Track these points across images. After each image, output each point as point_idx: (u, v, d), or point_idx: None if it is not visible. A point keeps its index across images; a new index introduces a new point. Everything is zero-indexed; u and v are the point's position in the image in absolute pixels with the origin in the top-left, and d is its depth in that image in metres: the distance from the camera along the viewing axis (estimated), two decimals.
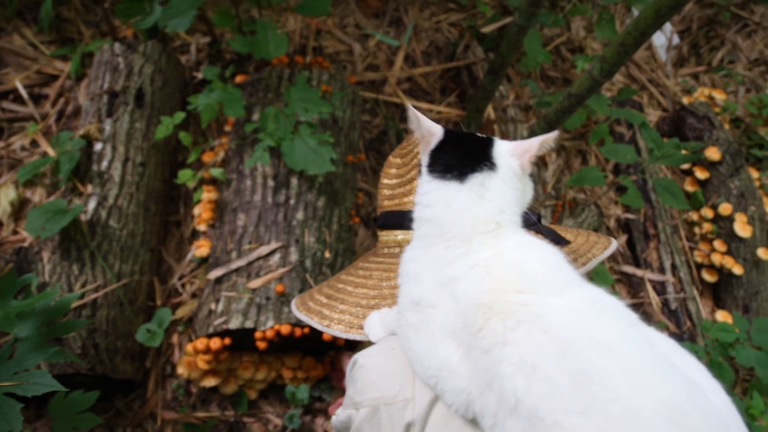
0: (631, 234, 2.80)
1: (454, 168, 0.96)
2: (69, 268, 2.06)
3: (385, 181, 1.32)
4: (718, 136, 2.95)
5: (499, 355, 0.82)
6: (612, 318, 0.85)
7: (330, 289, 1.33)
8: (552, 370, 0.78)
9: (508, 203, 0.96)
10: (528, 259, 0.91)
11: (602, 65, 1.69)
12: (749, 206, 2.78)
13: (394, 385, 0.97)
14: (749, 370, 2.49)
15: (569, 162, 2.89)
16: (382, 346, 1.06)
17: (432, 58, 3.10)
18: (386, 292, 1.20)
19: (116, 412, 2.15)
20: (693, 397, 0.78)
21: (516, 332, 0.82)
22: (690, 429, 0.74)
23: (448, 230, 0.94)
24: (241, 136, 2.34)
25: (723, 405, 0.84)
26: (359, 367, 1.03)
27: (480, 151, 0.98)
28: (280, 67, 2.47)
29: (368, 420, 0.98)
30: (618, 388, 0.75)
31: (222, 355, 2.06)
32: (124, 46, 2.44)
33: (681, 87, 3.36)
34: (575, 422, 0.75)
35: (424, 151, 1.02)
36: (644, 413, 0.74)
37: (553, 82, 3.14)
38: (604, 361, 0.77)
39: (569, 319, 0.82)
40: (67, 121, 2.59)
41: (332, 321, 1.22)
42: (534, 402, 0.77)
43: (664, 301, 2.62)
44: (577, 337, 0.80)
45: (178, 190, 2.55)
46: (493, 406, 0.83)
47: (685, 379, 0.80)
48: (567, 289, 0.87)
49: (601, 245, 1.21)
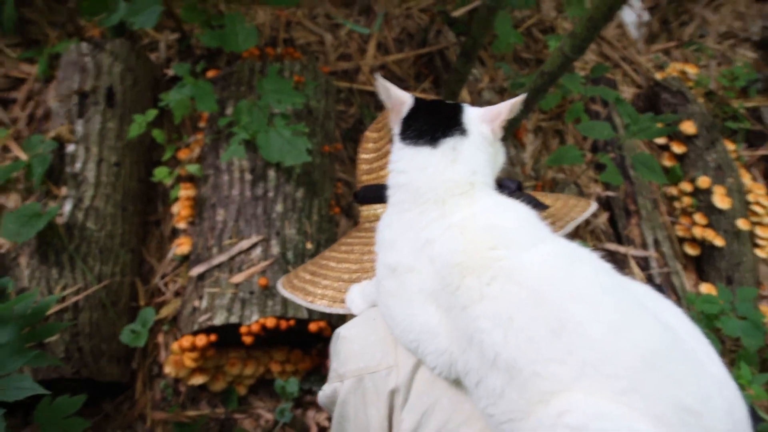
0: (612, 211, 2.81)
1: (426, 133, 0.97)
2: (48, 272, 2.03)
3: (363, 156, 1.32)
4: (692, 110, 2.97)
5: (477, 311, 0.83)
6: (585, 267, 0.86)
7: (314, 266, 1.34)
8: (527, 320, 0.79)
9: (481, 166, 0.98)
10: (500, 217, 0.93)
11: (573, 41, 1.69)
12: (727, 178, 2.80)
13: (377, 354, 0.98)
14: (735, 341, 2.52)
15: (547, 143, 2.90)
16: (363, 317, 1.07)
17: (404, 45, 3.09)
18: (368, 265, 1.20)
19: (105, 415, 2.13)
20: (670, 340, 0.79)
21: (491, 287, 0.83)
22: (668, 371, 0.75)
23: (423, 194, 0.94)
24: (215, 131, 2.32)
25: (701, 347, 0.85)
26: (341, 339, 1.04)
27: (451, 117, 0.99)
28: (251, 60, 2.45)
29: (353, 391, 0.99)
30: (594, 334, 0.76)
31: (208, 352, 2.04)
32: (92, 46, 2.40)
33: (653, 63, 3.38)
34: (553, 370, 0.76)
35: (395, 121, 1.03)
36: (621, 357, 0.75)
37: (526, 64, 3.14)
38: (579, 308, 0.79)
39: (542, 270, 0.84)
40: (38, 124, 2.55)
41: (316, 297, 1.23)
42: (512, 354, 0.79)
43: (648, 277, 2.64)
44: (551, 286, 0.81)
45: (155, 189, 2.52)
46: (474, 363, 0.84)
47: (662, 323, 0.81)
48: (539, 243, 0.88)
49: (579, 208, 1.22)
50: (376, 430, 0.96)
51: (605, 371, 0.74)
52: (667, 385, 0.74)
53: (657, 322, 0.80)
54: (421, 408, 0.93)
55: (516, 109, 1.01)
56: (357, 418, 0.99)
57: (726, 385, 0.82)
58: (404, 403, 0.94)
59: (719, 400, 0.77)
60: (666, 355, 0.76)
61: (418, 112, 1.01)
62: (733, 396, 0.81)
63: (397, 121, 1.02)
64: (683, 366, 0.76)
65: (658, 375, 0.74)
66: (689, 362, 0.78)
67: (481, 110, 1.02)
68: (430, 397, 0.93)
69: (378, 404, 0.96)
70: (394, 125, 1.04)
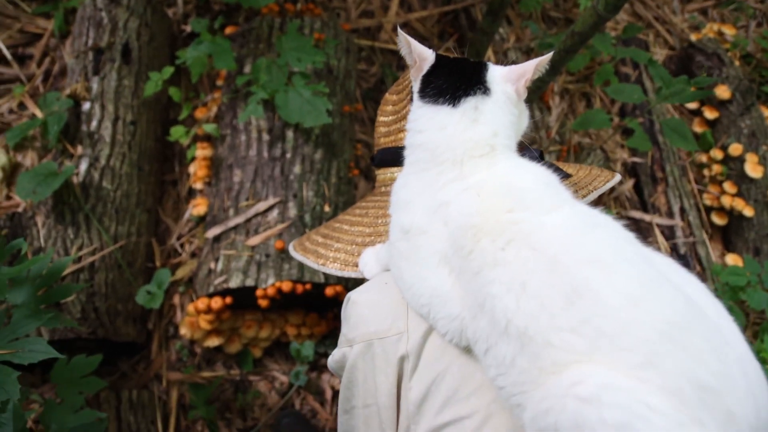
0: (639, 178, 2.73)
1: (447, 92, 0.93)
2: (64, 231, 2.01)
3: (382, 119, 1.28)
4: (728, 73, 2.85)
5: (490, 276, 0.80)
6: (604, 233, 0.82)
7: (327, 229, 1.31)
8: (541, 286, 0.76)
9: (503, 127, 0.93)
10: (519, 178, 0.89)
11: (607, 0, 1.60)
12: (761, 146, 2.70)
13: (387, 319, 0.96)
14: (760, 314, 2.46)
15: (573, 106, 2.81)
16: (375, 282, 1.04)
17: (428, 2, 2.99)
18: (382, 228, 1.17)
19: (121, 374, 2.14)
20: (691, 312, 0.75)
21: (506, 252, 0.80)
22: (688, 345, 0.71)
23: (440, 154, 0.91)
24: (233, 89, 2.27)
25: (724, 323, 0.81)
26: (352, 304, 1.01)
27: (473, 75, 0.94)
28: (270, 16, 2.37)
29: (362, 356, 0.97)
30: (610, 302, 0.72)
31: (224, 314, 2.03)
32: (107, 0, 2.34)
33: (688, 23, 3.24)
34: (567, 340, 0.73)
35: (415, 78, 0.99)
36: (638, 329, 0.71)
37: (555, 23, 3.03)
38: (595, 275, 0.75)
39: (559, 235, 0.80)
40: (54, 81, 2.51)
41: (327, 260, 1.20)
42: (524, 321, 0.76)
43: (673, 246, 2.58)
44: (567, 252, 0.77)
45: (172, 149, 2.48)
46: (485, 330, 0.81)
47: (683, 295, 0.76)
48: (558, 207, 0.84)
49: (603, 178, 1.17)
50: (384, 396, 0.94)
51: (621, 344, 0.70)
52: (685, 361, 0.70)
53: (677, 294, 0.76)
54: (430, 376, 0.90)
55: (542, 68, 0.97)
56: (366, 383, 0.97)
57: (748, 362, 0.78)
58: (413, 371, 0.92)
59: (741, 379, 0.72)
60: (685, 328, 0.72)
61: (439, 69, 0.96)
62: (756, 375, 0.77)
63: (418, 79, 0.98)
64: (703, 341, 0.72)
65: (676, 349, 0.70)
66: (710, 338, 0.73)
67: (506, 69, 0.97)
68: (440, 364, 0.90)
69: (387, 370, 0.94)
70: (414, 82, 0.99)
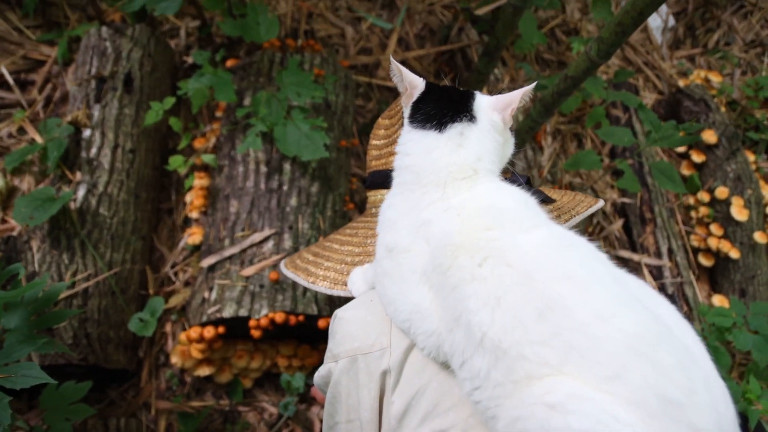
0: (628, 218, 2.78)
1: (434, 118, 0.98)
2: (59, 257, 2.02)
3: (374, 142, 1.32)
4: (714, 118, 2.93)
5: (467, 291, 0.83)
6: (578, 252, 0.86)
7: (318, 247, 1.35)
8: (515, 301, 0.79)
9: (487, 152, 0.98)
10: (497, 199, 0.93)
11: (599, 46, 1.66)
12: (746, 189, 2.76)
13: (371, 335, 0.99)
14: (746, 355, 2.49)
15: (565, 146, 2.87)
16: (361, 299, 1.08)
17: (426, 41, 3.06)
18: (371, 248, 1.20)
19: (110, 402, 2.13)
20: (658, 330, 0.78)
21: (482, 268, 0.83)
22: (655, 360, 0.74)
23: (426, 176, 0.95)
24: (232, 121, 2.30)
25: (691, 343, 0.84)
26: (338, 320, 1.04)
27: (461, 103, 1.00)
28: (271, 51, 2.42)
29: (346, 371, 0.99)
30: (581, 317, 0.76)
31: (216, 343, 2.03)
32: (112, 30, 2.39)
33: (677, 69, 3.34)
34: (538, 353, 0.76)
35: (406, 104, 1.04)
36: (607, 343, 0.74)
37: (548, 65, 3.10)
38: (567, 291, 0.78)
39: (534, 252, 0.83)
40: (54, 107, 2.54)
41: (317, 278, 1.24)
42: (498, 334, 0.79)
43: (660, 286, 2.61)
44: (541, 268, 0.81)
45: (169, 177, 2.51)
46: (461, 343, 0.84)
47: (651, 313, 0.79)
48: (535, 227, 0.89)
49: (586, 203, 1.22)
50: (367, 411, 0.97)
51: (590, 357, 0.73)
52: (652, 375, 0.73)
53: (646, 312, 0.79)
54: (411, 391, 0.93)
55: (527, 97, 1.03)
56: (349, 398, 0.99)
57: (714, 381, 0.81)
58: (395, 385, 0.94)
59: (705, 394, 0.75)
60: (653, 344, 0.75)
61: (428, 96, 1.01)
62: (721, 393, 0.80)
63: (408, 105, 1.03)
64: (670, 357, 0.75)
65: (642, 363, 0.73)
66: (676, 354, 0.76)
67: (493, 98, 1.02)
68: (421, 379, 0.93)
69: (370, 385, 0.97)
70: (405, 109, 1.04)
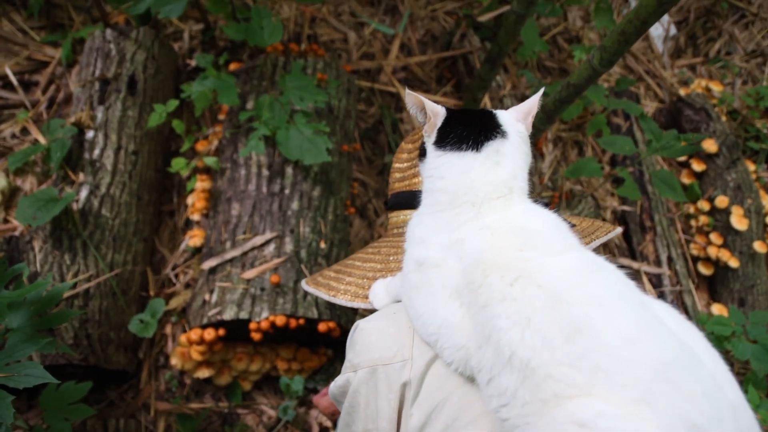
0: (628, 226, 2.78)
1: (468, 138, 0.98)
2: (61, 257, 2.03)
3: (397, 165, 1.35)
4: (714, 128, 2.94)
5: (497, 310, 0.84)
6: (606, 277, 0.87)
7: (340, 265, 1.37)
8: (545, 322, 0.80)
9: (520, 169, 1.00)
10: (531, 221, 0.94)
11: (602, 54, 1.67)
12: (746, 199, 2.77)
13: (393, 347, 0.99)
14: (744, 364, 2.49)
15: (566, 153, 2.88)
16: (384, 311, 1.08)
17: (428, 47, 3.07)
18: (393, 265, 1.22)
19: (109, 402, 2.13)
20: (686, 356, 0.78)
21: (513, 288, 0.84)
22: (681, 386, 0.74)
23: (461, 196, 0.96)
24: (235, 124, 2.31)
25: (719, 370, 0.84)
26: (360, 331, 1.05)
27: (488, 121, 1.01)
28: (274, 55, 2.44)
29: (366, 381, 1.00)
30: (609, 340, 0.76)
31: (216, 346, 2.04)
32: (116, 33, 2.40)
33: (678, 78, 3.35)
34: (566, 374, 0.76)
35: (430, 133, 1.04)
36: (635, 367, 0.74)
37: (549, 73, 3.12)
38: (596, 314, 0.79)
39: (564, 275, 0.84)
40: (58, 108, 2.55)
41: (338, 291, 1.25)
42: (527, 354, 0.79)
43: (660, 294, 2.62)
44: (571, 291, 0.82)
45: (171, 179, 2.51)
46: (489, 360, 0.85)
47: (679, 340, 0.80)
48: (566, 250, 0.90)
49: (605, 229, 1.24)
50: (385, 422, 0.97)
51: (618, 380, 0.74)
52: (678, 400, 0.73)
53: (673, 338, 0.79)
54: (431, 404, 0.93)
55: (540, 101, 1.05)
56: (367, 408, 1.00)
57: (742, 410, 0.81)
58: (415, 398, 0.95)
59: (732, 423, 0.75)
60: (680, 370, 0.75)
61: (454, 120, 1.02)
62: (748, 422, 0.80)
63: (433, 132, 1.03)
64: (697, 384, 0.75)
65: (670, 389, 0.73)
66: (703, 381, 0.76)
67: (512, 110, 1.04)
68: (441, 393, 0.93)
69: (389, 396, 0.97)
70: (427, 135, 1.05)
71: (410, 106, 1.05)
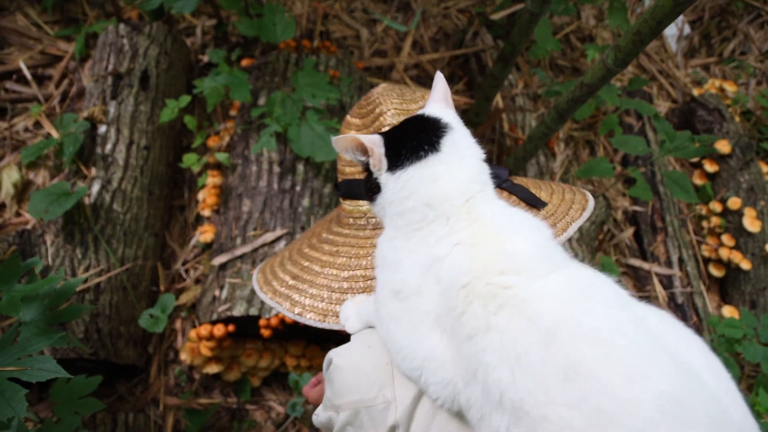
0: (639, 226, 2.77)
1: (423, 143, 0.92)
2: (72, 251, 2.04)
3: None
4: (728, 128, 2.92)
5: (483, 343, 0.79)
6: (600, 303, 0.81)
7: (294, 266, 1.25)
8: (537, 360, 0.75)
9: (481, 156, 0.96)
10: (511, 240, 0.87)
11: (616, 54, 1.65)
12: (759, 201, 2.75)
13: (374, 387, 0.94)
14: (755, 367, 2.47)
15: (577, 153, 2.86)
16: (357, 343, 1.02)
17: (440, 45, 3.06)
18: (358, 273, 1.14)
19: (118, 397, 2.14)
20: (690, 386, 0.74)
21: (498, 317, 0.79)
22: (689, 421, 0.71)
23: (436, 208, 0.89)
24: (246, 120, 2.32)
25: (722, 387, 0.80)
26: (335, 368, 0.99)
27: (428, 121, 0.96)
28: (287, 52, 2.44)
29: (349, 423, 0.96)
30: (609, 379, 0.72)
31: (225, 342, 2.04)
32: (129, 28, 2.41)
33: (691, 78, 3.32)
34: (564, 415, 0.72)
35: (377, 164, 0.94)
36: (639, 406, 0.70)
37: (561, 71, 3.10)
38: (593, 351, 0.74)
39: (554, 305, 0.78)
40: (71, 102, 2.56)
41: (304, 308, 1.15)
42: (519, 395, 0.75)
43: (670, 295, 2.60)
44: (564, 325, 0.76)
45: (182, 175, 2.52)
46: (478, 398, 0.80)
47: (680, 364, 0.76)
48: (551, 271, 0.83)
49: (578, 205, 1.16)
50: None
51: (621, 421, 0.69)
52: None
53: (676, 365, 0.75)
54: None
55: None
56: None
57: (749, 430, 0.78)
58: None
59: None
60: (686, 403, 0.71)
61: (394, 138, 0.95)
62: None
63: (380, 162, 0.94)
64: (703, 415, 0.71)
65: (675, 425, 0.69)
66: (709, 410, 0.73)
67: (432, 103, 1.00)
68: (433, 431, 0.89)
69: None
70: (378, 168, 0.95)
71: (344, 151, 0.96)
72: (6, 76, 2.63)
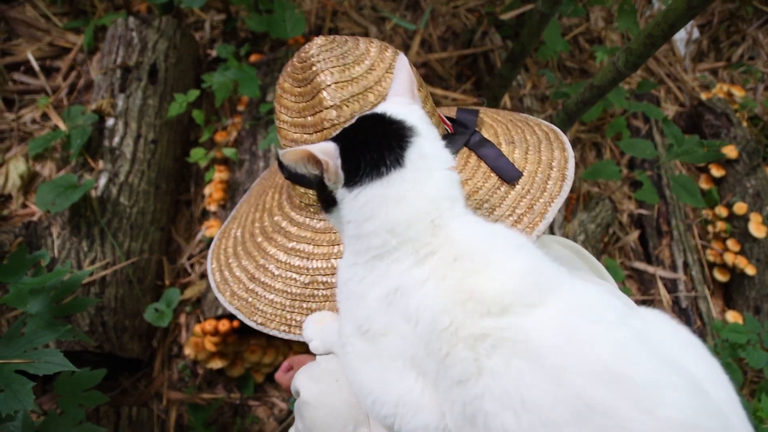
0: (644, 230, 2.76)
1: (383, 157, 0.80)
2: (78, 244, 2.04)
3: (284, 117, 1.07)
4: (735, 133, 2.91)
5: (477, 388, 0.72)
6: (602, 328, 0.75)
7: (249, 260, 1.15)
8: (546, 402, 0.69)
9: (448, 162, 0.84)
10: (488, 269, 0.76)
11: (627, 57, 1.65)
12: (765, 206, 2.74)
13: (348, 425, 0.89)
14: (758, 372, 2.47)
15: (584, 155, 2.86)
16: (324, 375, 0.94)
17: (449, 44, 3.06)
18: (319, 279, 1.05)
19: (122, 390, 2.14)
20: (701, 406, 0.72)
21: (492, 360, 0.71)
22: None
23: (400, 234, 0.79)
24: (254, 116, 2.31)
25: (721, 395, 0.79)
26: (303, 403, 0.93)
27: (389, 125, 0.83)
28: (296, 47, 2.43)
29: None
30: (625, 414, 0.67)
31: (230, 337, 2.05)
32: (138, 21, 2.41)
33: (699, 82, 3.32)
34: None
35: (332, 177, 0.82)
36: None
37: (570, 73, 3.10)
38: (604, 386, 0.69)
39: (553, 340, 0.71)
40: (78, 95, 2.56)
41: (266, 317, 1.07)
42: None
43: (674, 299, 2.60)
44: (569, 361, 0.70)
45: (189, 169, 2.52)
46: None
47: (687, 380, 0.73)
48: (543, 300, 0.74)
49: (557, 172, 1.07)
50: None
51: None
52: None
53: (684, 382, 0.73)
54: None
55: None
56: None
57: None
58: None
59: None
60: (699, 424, 0.69)
61: (352, 146, 0.82)
62: None
63: (336, 175, 0.81)
64: None
65: None
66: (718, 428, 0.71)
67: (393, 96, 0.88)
68: None
69: None
70: (334, 182, 0.82)
71: (294, 166, 0.81)
72: (14, 68, 2.63)
